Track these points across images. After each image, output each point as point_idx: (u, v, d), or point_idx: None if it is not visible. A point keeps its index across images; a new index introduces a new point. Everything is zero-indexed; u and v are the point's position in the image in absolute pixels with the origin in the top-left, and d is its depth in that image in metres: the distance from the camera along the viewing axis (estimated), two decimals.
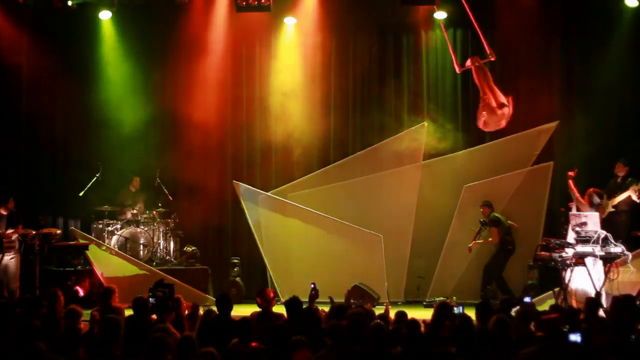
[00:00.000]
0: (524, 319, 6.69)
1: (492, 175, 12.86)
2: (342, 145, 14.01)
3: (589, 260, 10.24)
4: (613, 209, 12.04)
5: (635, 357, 5.82)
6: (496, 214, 12.22)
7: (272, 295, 8.07)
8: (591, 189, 11.08)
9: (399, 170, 13.14)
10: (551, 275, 11.23)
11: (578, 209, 10.94)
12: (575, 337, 5.70)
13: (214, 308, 7.68)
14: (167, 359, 5.57)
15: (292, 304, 7.37)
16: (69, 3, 13.35)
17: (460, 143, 13.56)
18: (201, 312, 7.84)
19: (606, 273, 10.21)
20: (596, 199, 10.93)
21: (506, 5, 13.56)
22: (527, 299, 8.65)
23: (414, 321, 6.50)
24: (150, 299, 7.54)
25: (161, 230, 13.35)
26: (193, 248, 13.24)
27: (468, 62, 12.06)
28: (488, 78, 11.75)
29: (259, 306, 8.01)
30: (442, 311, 7.04)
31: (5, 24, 13.57)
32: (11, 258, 11.65)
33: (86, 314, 8.06)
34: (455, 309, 7.33)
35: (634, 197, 11.90)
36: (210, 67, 13.91)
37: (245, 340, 6.13)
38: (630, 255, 10.21)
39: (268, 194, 13.35)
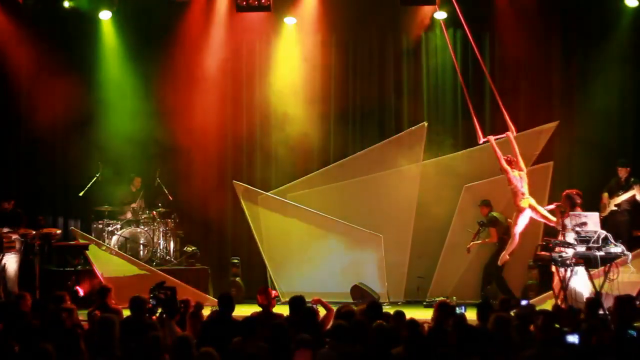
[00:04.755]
0: (523, 321, 6.67)
1: (492, 175, 12.84)
2: (342, 145, 14.01)
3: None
4: (615, 208, 12.08)
5: (632, 357, 5.80)
6: (494, 214, 12.22)
7: (274, 295, 8.07)
8: (567, 191, 11.00)
9: (399, 170, 13.13)
10: (551, 275, 11.21)
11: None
12: (572, 338, 5.69)
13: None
14: (164, 358, 5.56)
15: (295, 302, 7.36)
16: (65, 4, 13.37)
17: (460, 143, 13.57)
18: (205, 311, 7.85)
19: (606, 273, 10.20)
20: (577, 199, 10.85)
21: (506, 5, 13.57)
22: (524, 302, 8.66)
23: (414, 321, 6.49)
24: (151, 300, 7.56)
25: (161, 230, 13.36)
26: (193, 248, 13.25)
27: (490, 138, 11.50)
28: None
29: (259, 304, 8.01)
30: (442, 311, 7.05)
31: (5, 24, 13.57)
32: (10, 258, 11.63)
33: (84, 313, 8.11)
34: (457, 309, 7.34)
35: (638, 197, 11.94)
36: (210, 67, 13.91)
37: (248, 340, 6.14)
38: (630, 255, 10.19)
39: (268, 194, 13.34)
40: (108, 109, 13.84)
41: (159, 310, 7.56)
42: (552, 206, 10.92)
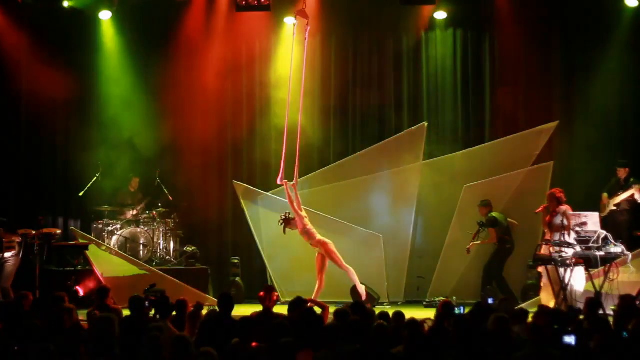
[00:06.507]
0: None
1: (492, 175, 12.86)
2: (342, 145, 14.01)
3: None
4: (615, 208, 12.10)
5: (629, 357, 5.79)
6: (494, 214, 12.21)
7: (275, 298, 8.09)
8: (552, 190, 11.00)
9: (399, 170, 13.13)
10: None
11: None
12: (569, 340, 5.67)
13: (217, 309, 7.70)
14: (164, 358, 5.56)
15: (294, 303, 7.40)
16: (65, 4, 13.37)
17: (460, 143, 13.58)
18: (205, 311, 7.86)
19: (606, 273, 10.20)
20: (563, 197, 10.83)
21: (506, 5, 13.58)
22: (491, 300, 8.69)
23: (415, 321, 6.49)
24: (145, 302, 7.60)
25: (161, 230, 13.36)
26: (193, 248, 13.25)
27: None
28: None
29: (260, 301, 8.01)
30: (446, 311, 7.07)
31: (5, 24, 13.57)
32: (8, 259, 11.60)
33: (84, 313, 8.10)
34: (456, 309, 7.34)
35: (637, 197, 11.96)
36: (210, 67, 13.91)
37: (245, 340, 6.13)
38: (630, 255, 10.19)
39: (268, 194, 13.33)
40: (108, 108, 13.84)
41: (152, 311, 7.60)
42: (540, 208, 10.93)
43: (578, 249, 10.11)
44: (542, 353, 5.51)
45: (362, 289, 11.29)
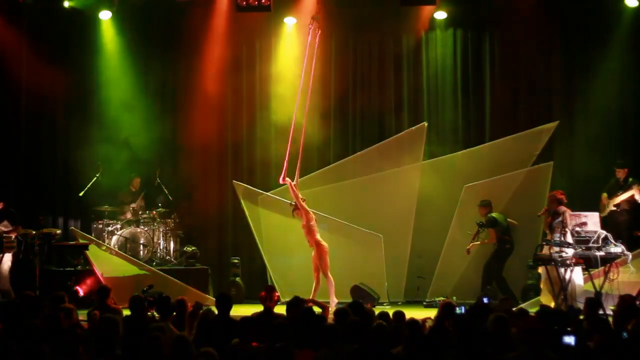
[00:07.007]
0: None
1: (492, 175, 12.86)
2: (342, 145, 14.02)
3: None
4: (615, 208, 12.11)
5: (629, 357, 5.79)
6: (493, 214, 12.21)
7: (276, 298, 8.10)
8: (552, 192, 11.01)
9: (399, 170, 13.13)
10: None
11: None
12: (569, 340, 5.66)
13: (213, 308, 7.71)
14: (164, 358, 5.56)
15: (293, 304, 7.40)
16: (65, 4, 13.38)
17: (460, 143, 13.58)
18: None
19: (606, 273, 10.21)
20: (564, 198, 10.83)
21: (506, 6, 13.58)
22: (485, 299, 8.69)
23: (415, 321, 6.50)
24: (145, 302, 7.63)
25: (161, 230, 13.35)
26: (193, 248, 13.25)
27: None
28: None
29: (261, 301, 8.01)
30: (446, 311, 7.07)
31: (5, 24, 13.56)
32: (7, 257, 11.60)
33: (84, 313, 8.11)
34: (457, 309, 7.35)
35: (638, 197, 11.96)
36: (210, 67, 13.91)
37: (245, 340, 6.14)
38: (630, 255, 10.21)
39: (268, 194, 13.34)
40: (108, 109, 13.84)
41: (152, 312, 7.60)
42: (542, 211, 10.95)
43: (578, 249, 10.12)
44: (534, 354, 5.50)
45: (333, 303, 11.15)
